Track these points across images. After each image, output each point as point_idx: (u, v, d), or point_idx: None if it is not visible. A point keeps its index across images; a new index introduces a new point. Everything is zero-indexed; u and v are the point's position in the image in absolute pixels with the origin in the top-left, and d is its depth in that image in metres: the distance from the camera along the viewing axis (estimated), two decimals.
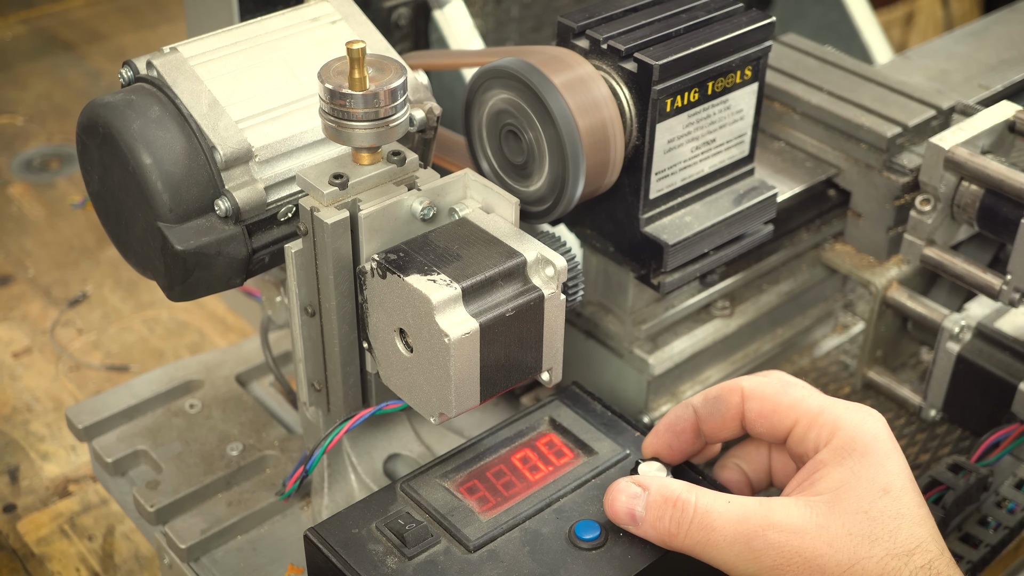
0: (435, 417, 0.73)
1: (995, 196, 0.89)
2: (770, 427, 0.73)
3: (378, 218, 0.74)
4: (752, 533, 0.66)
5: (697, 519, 0.68)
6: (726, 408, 0.75)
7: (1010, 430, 0.91)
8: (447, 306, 0.69)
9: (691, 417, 0.76)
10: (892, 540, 0.65)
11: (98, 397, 1.01)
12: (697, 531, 0.68)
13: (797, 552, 0.66)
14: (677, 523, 0.69)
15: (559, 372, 0.77)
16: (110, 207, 0.81)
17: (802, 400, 0.73)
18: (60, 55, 2.31)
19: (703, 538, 0.68)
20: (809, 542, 0.66)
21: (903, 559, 0.65)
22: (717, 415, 0.75)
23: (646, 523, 0.70)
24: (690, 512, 0.68)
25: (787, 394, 0.73)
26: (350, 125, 0.72)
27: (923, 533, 0.66)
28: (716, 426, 0.75)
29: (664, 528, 0.69)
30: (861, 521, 0.66)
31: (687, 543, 0.68)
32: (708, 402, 0.76)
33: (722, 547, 0.67)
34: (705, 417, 0.75)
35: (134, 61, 0.80)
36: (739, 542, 0.67)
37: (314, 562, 0.73)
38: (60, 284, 1.67)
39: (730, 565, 0.67)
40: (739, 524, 0.67)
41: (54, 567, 1.21)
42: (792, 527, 0.66)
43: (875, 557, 0.65)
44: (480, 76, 0.82)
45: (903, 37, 2.35)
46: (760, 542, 0.66)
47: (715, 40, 0.81)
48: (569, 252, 0.79)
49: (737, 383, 0.75)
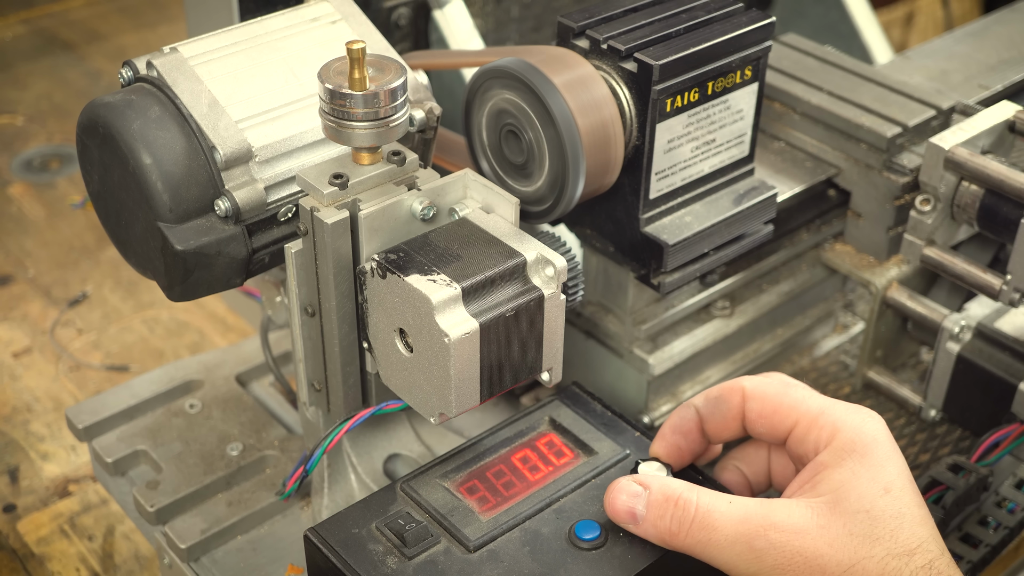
0: (435, 417, 0.73)
1: (995, 196, 0.89)
2: (770, 427, 0.73)
3: (378, 218, 0.74)
4: (753, 533, 0.66)
5: (698, 519, 0.68)
6: (727, 408, 0.75)
7: (1010, 430, 0.91)
8: (447, 306, 0.69)
9: (694, 417, 0.76)
10: (893, 540, 0.65)
11: (98, 397, 1.01)
12: (698, 530, 0.68)
13: (798, 552, 0.66)
14: (678, 522, 0.69)
15: (559, 372, 0.77)
16: (110, 207, 0.81)
17: (802, 401, 0.73)
18: (60, 55, 2.31)
19: (704, 537, 0.68)
20: (810, 542, 0.66)
21: (904, 559, 0.65)
22: (719, 415, 0.75)
23: (647, 522, 0.70)
24: (691, 511, 0.68)
25: (788, 395, 0.73)
26: (350, 125, 0.72)
27: (924, 533, 0.67)
28: (718, 426, 0.75)
29: (665, 527, 0.69)
30: (863, 521, 0.66)
31: (688, 542, 0.68)
32: (709, 402, 0.76)
33: (723, 547, 0.67)
34: (707, 417, 0.76)
35: (134, 61, 0.80)
36: (740, 542, 0.67)
37: (314, 562, 0.73)
38: (60, 284, 1.67)
39: (731, 565, 0.67)
40: (740, 524, 0.67)
41: (54, 567, 1.21)
42: (793, 527, 0.66)
43: (876, 557, 0.65)
44: (480, 76, 0.82)
45: (903, 37, 2.35)
46: (762, 542, 0.66)
47: (715, 40, 0.81)
48: (569, 252, 0.79)
49: (738, 383, 0.75)
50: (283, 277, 0.87)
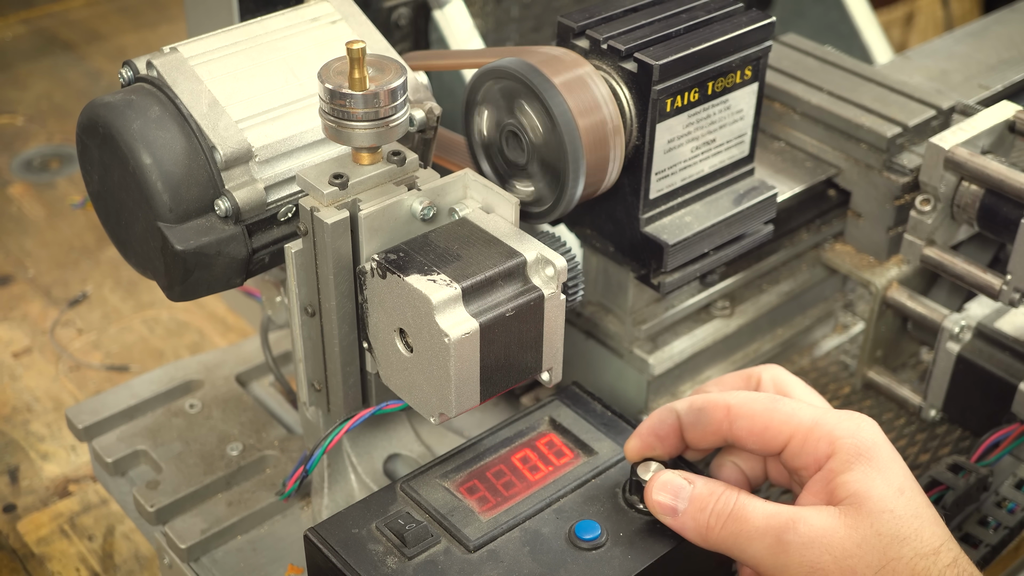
0: (435, 417, 0.73)
1: (995, 196, 0.89)
2: (762, 444, 0.73)
3: (378, 218, 0.74)
4: (783, 526, 0.67)
5: (735, 512, 0.69)
6: (709, 422, 0.74)
7: (1010, 430, 0.91)
8: (447, 306, 0.69)
9: (674, 422, 0.76)
10: (919, 539, 0.66)
11: (98, 397, 1.01)
12: (732, 523, 0.68)
13: (827, 550, 0.66)
14: (716, 516, 0.69)
15: (559, 372, 0.77)
16: (110, 207, 0.81)
17: (793, 415, 0.72)
18: (60, 55, 2.31)
19: (736, 529, 0.68)
20: (839, 541, 0.66)
21: (931, 558, 0.65)
22: (700, 427, 0.75)
23: (686, 515, 0.70)
24: (730, 505, 0.69)
25: (777, 411, 0.72)
26: (350, 125, 0.72)
27: (942, 532, 0.67)
28: (698, 437, 0.75)
29: (703, 521, 0.70)
30: (888, 520, 0.66)
31: (721, 535, 0.69)
32: (692, 412, 0.75)
33: (753, 538, 0.68)
34: (688, 426, 0.75)
35: (134, 61, 0.80)
36: (770, 534, 0.67)
37: (314, 562, 0.73)
38: (60, 284, 1.67)
39: (759, 559, 0.68)
40: (772, 517, 0.68)
41: (54, 567, 1.21)
42: (822, 525, 0.67)
43: (904, 558, 0.65)
44: (480, 76, 0.82)
45: (903, 37, 2.35)
46: (791, 535, 0.67)
47: (715, 40, 0.81)
48: (569, 252, 0.79)
49: (723, 400, 0.74)
50: (283, 277, 0.87)
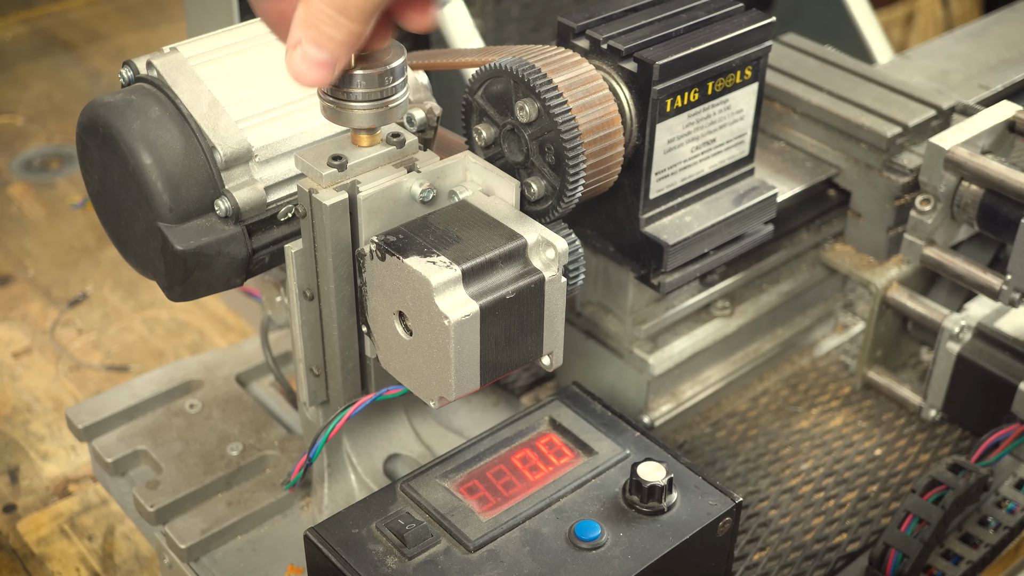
0: (435, 401, 0.73)
1: (995, 196, 0.89)
2: None
3: (377, 200, 0.74)
4: None
5: None
6: None
7: (1010, 430, 0.91)
8: (447, 288, 0.69)
9: None
10: None
11: (98, 397, 1.01)
12: None
13: None
14: None
15: (560, 356, 0.76)
16: (110, 207, 0.81)
17: None
18: (60, 55, 2.31)
19: None
20: None
21: None
22: None
23: None
24: None
25: None
26: (349, 105, 0.71)
27: None
28: None
29: None
30: None
31: None
32: None
33: None
34: None
35: (134, 61, 0.80)
36: None
37: (314, 562, 0.73)
38: (60, 284, 1.67)
39: None
40: None
41: (54, 567, 1.21)
42: None
43: None
44: (480, 76, 0.82)
45: (903, 37, 2.35)
46: None
47: (715, 40, 0.81)
48: (570, 235, 0.79)
49: None
50: (283, 277, 0.87)
